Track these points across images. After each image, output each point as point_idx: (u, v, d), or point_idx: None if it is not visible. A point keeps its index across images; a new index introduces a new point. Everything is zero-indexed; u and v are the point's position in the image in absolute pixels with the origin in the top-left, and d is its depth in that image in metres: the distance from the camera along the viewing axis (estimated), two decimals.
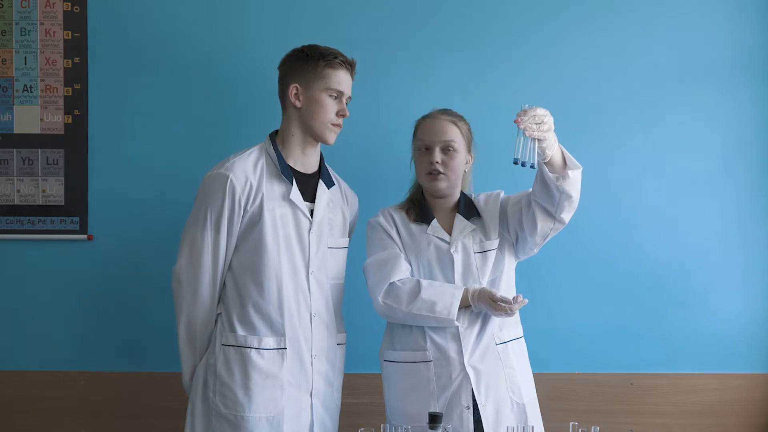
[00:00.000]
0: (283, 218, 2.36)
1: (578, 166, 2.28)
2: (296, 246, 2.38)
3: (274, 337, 2.34)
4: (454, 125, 2.48)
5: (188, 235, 2.37)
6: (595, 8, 2.97)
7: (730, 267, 2.98)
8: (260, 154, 2.40)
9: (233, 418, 2.30)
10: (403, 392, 2.44)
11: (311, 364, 2.38)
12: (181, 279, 2.36)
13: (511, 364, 2.43)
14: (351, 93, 2.44)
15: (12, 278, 2.92)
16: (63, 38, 2.92)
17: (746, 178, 2.99)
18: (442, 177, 2.45)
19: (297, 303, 2.37)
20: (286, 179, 2.38)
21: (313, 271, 2.40)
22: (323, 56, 2.38)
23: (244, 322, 2.34)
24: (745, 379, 2.97)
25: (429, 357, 2.41)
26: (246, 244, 2.35)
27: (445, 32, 2.95)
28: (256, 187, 2.34)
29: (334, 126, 2.41)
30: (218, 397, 2.32)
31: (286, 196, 2.37)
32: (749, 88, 2.98)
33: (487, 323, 2.43)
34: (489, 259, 2.46)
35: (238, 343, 2.34)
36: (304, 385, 2.38)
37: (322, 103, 2.38)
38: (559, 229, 2.42)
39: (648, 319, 2.96)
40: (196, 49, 2.93)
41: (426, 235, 2.48)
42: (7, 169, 2.91)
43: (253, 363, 2.32)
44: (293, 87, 2.39)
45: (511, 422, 2.38)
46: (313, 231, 2.41)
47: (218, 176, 2.34)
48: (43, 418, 2.89)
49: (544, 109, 2.16)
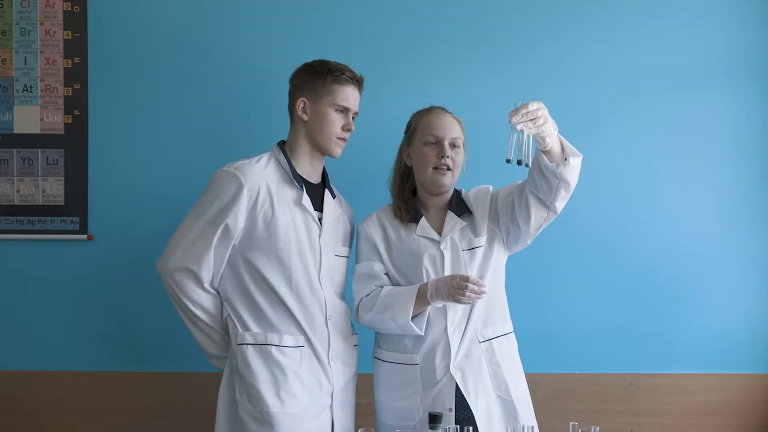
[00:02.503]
0: (295, 223, 2.38)
1: (578, 154, 2.27)
2: (308, 250, 2.39)
3: (292, 336, 2.36)
4: (458, 122, 2.51)
5: (186, 226, 2.36)
6: (596, 8, 2.97)
7: (731, 267, 2.98)
8: (270, 160, 2.43)
9: (259, 414, 2.32)
10: (391, 389, 2.47)
11: (329, 366, 2.40)
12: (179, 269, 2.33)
13: (497, 362, 2.43)
14: (358, 109, 2.48)
15: (12, 278, 2.92)
16: (63, 38, 2.92)
17: (747, 177, 2.99)
18: (449, 172, 2.46)
19: (312, 305, 2.38)
20: (297, 185, 2.40)
21: (323, 277, 2.42)
22: (331, 72, 2.40)
23: (259, 321, 2.35)
24: (745, 379, 2.97)
25: (415, 360, 2.42)
26: (259, 245, 2.35)
27: (446, 33, 2.95)
28: (266, 190, 2.36)
29: (339, 140, 2.44)
30: (244, 396, 2.33)
31: (298, 201, 2.40)
32: (749, 87, 2.98)
33: (470, 322, 2.43)
34: (477, 256, 2.46)
35: (257, 340, 2.35)
36: (324, 385, 2.40)
37: (329, 118, 2.41)
38: (552, 219, 2.41)
39: (648, 319, 2.96)
40: (195, 49, 2.93)
41: (415, 234, 2.48)
42: (7, 169, 2.92)
43: (275, 359, 2.33)
44: (301, 101, 2.42)
45: (500, 419, 2.39)
46: (323, 237, 2.43)
47: (228, 174, 2.35)
48: (43, 418, 2.89)
49: (537, 102, 2.12)
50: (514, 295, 2.59)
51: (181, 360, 2.89)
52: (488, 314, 2.45)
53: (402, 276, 2.48)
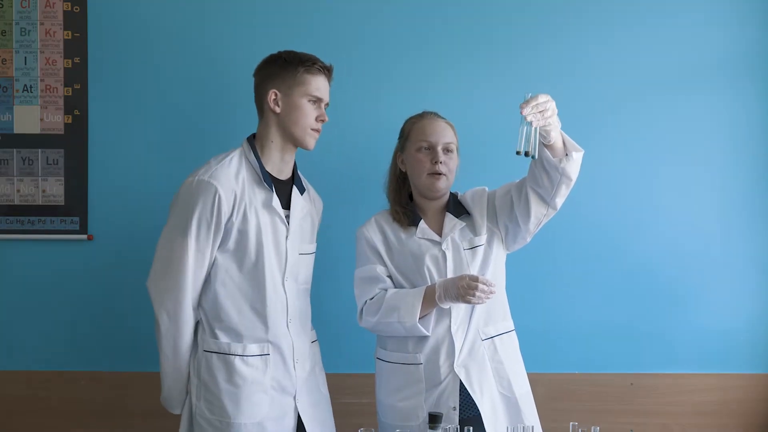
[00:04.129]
0: (265, 226, 2.35)
1: (580, 149, 2.29)
2: (273, 253, 2.37)
3: (257, 344, 2.34)
4: (451, 127, 2.52)
5: (169, 242, 2.32)
6: (595, 9, 2.97)
7: (731, 267, 2.98)
8: (240, 159, 2.38)
9: (218, 423, 2.31)
10: (393, 389, 2.46)
11: (294, 368, 2.39)
12: (162, 288, 2.31)
13: (499, 359, 2.44)
14: (329, 99, 2.44)
15: (12, 278, 2.93)
16: (63, 38, 2.92)
17: (747, 177, 2.99)
18: (443, 177, 2.46)
19: (275, 309, 2.36)
20: (267, 186, 2.37)
21: (287, 278, 2.40)
22: (302, 62, 2.37)
23: (226, 329, 2.33)
24: (745, 379, 2.97)
25: (419, 360, 2.43)
26: (229, 252, 2.33)
27: (446, 34, 2.95)
28: (240, 196, 2.32)
29: (313, 131, 2.40)
30: (203, 402, 2.33)
31: (267, 203, 2.36)
32: (749, 87, 2.98)
33: (472, 320, 2.43)
34: (478, 255, 2.47)
35: (221, 350, 2.33)
36: (288, 389, 2.38)
37: (303, 109, 2.37)
38: (551, 216, 2.42)
39: (648, 319, 2.96)
40: (195, 50, 2.93)
41: (415, 237, 2.48)
42: (7, 169, 2.92)
43: (237, 370, 2.31)
44: (272, 92, 2.37)
45: (504, 416, 2.40)
46: (290, 238, 2.41)
47: (202, 183, 2.30)
48: (43, 418, 2.89)
49: (545, 95, 2.14)
50: (515, 295, 2.59)
51: None
52: (490, 312, 2.46)
53: (405, 278, 2.48)
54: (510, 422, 2.39)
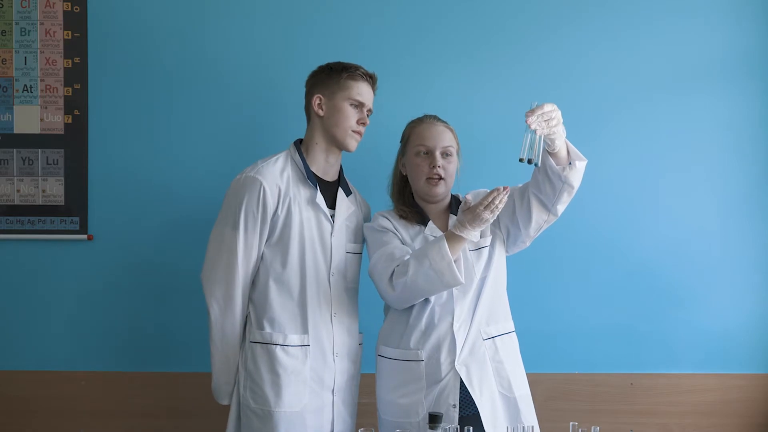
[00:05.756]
0: (308, 221, 2.45)
1: (583, 158, 2.32)
2: (319, 248, 2.46)
3: (297, 335, 2.42)
4: (450, 131, 2.52)
5: (219, 235, 2.43)
6: (596, 10, 2.97)
7: (731, 267, 2.98)
8: (286, 160, 2.49)
9: (261, 412, 2.39)
10: (394, 386, 2.47)
11: (333, 362, 2.46)
12: (212, 279, 2.41)
13: (500, 359, 2.45)
14: (372, 106, 2.53)
15: (12, 278, 2.92)
16: (63, 38, 2.92)
17: (747, 177, 2.99)
18: (441, 182, 2.47)
19: (319, 303, 2.45)
20: (311, 184, 2.46)
21: (334, 274, 2.47)
22: (346, 69, 2.49)
23: (270, 320, 2.42)
24: (745, 379, 2.97)
25: (421, 357, 2.43)
26: (273, 245, 2.43)
27: (447, 34, 2.95)
28: (284, 191, 2.43)
29: (354, 133, 2.49)
30: (248, 392, 2.41)
31: (311, 200, 2.46)
32: (749, 87, 2.98)
33: (474, 319, 2.44)
34: (482, 256, 2.48)
35: (264, 339, 2.42)
36: (327, 382, 2.45)
37: (344, 112, 2.47)
38: (551, 222, 2.43)
39: (648, 319, 2.97)
40: (195, 49, 2.93)
41: (424, 236, 2.49)
42: (7, 169, 2.92)
43: (279, 359, 2.40)
44: (317, 97, 2.49)
45: (503, 415, 2.41)
46: (335, 235, 2.48)
47: (249, 179, 2.41)
48: (43, 418, 2.89)
49: (551, 104, 2.17)
50: (515, 296, 2.59)
51: (181, 360, 2.90)
52: (491, 312, 2.47)
53: None
54: (509, 422, 2.40)
